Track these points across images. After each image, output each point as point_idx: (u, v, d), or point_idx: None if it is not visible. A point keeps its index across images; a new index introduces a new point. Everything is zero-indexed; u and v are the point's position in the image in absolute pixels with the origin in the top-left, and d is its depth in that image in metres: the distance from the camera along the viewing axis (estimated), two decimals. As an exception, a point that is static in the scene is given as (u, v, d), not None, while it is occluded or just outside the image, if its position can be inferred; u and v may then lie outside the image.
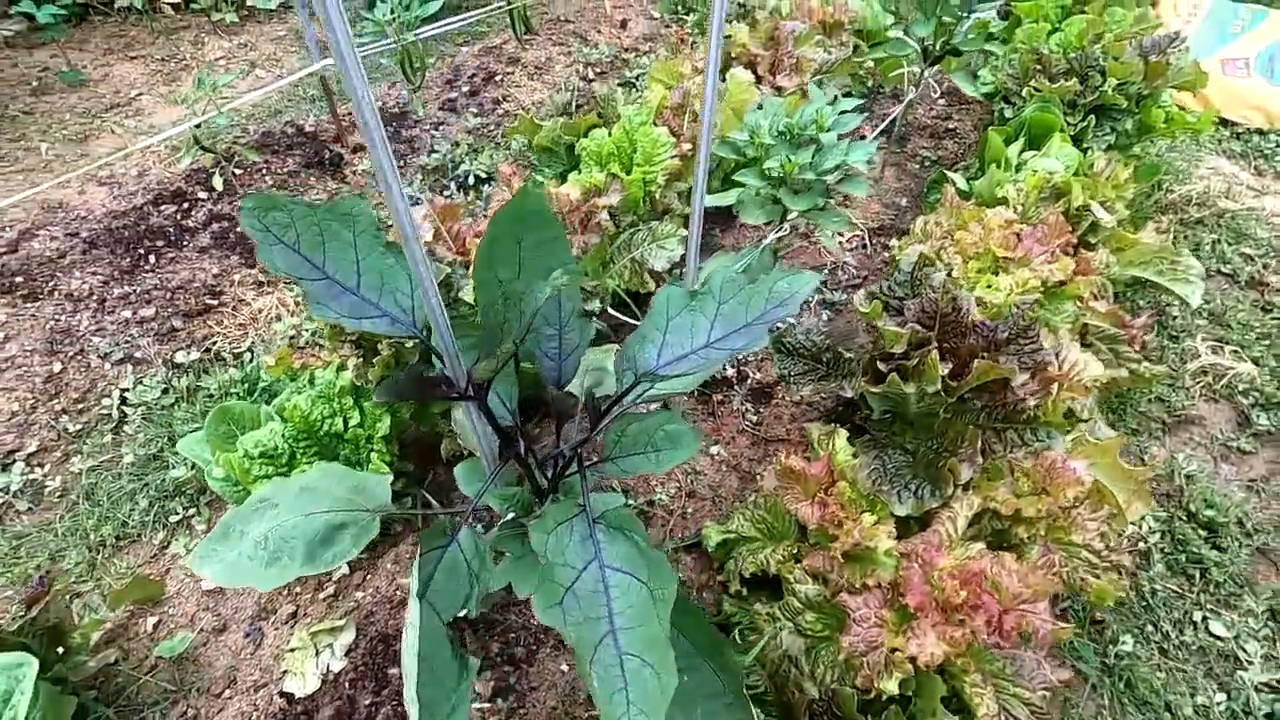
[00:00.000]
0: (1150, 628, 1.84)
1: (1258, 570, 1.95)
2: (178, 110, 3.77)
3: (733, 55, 2.76)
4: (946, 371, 1.51)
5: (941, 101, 3.52)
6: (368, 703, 1.50)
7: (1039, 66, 2.76)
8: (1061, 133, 2.52)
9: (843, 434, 1.64)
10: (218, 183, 2.82)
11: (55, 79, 4.05)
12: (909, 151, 3.21)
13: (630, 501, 1.86)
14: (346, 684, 1.53)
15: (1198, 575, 1.93)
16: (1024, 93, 2.69)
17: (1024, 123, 2.59)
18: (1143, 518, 2.06)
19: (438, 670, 0.93)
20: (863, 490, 1.50)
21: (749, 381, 2.19)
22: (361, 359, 1.66)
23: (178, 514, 2.05)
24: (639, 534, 1.01)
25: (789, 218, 1.91)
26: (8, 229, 2.76)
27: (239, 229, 2.82)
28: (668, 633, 0.88)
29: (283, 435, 1.71)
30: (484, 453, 1.26)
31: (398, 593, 1.67)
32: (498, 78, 3.82)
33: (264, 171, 3.08)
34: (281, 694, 1.52)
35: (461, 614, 1.37)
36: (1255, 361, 2.45)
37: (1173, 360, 2.47)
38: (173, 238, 2.79)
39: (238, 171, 3.08)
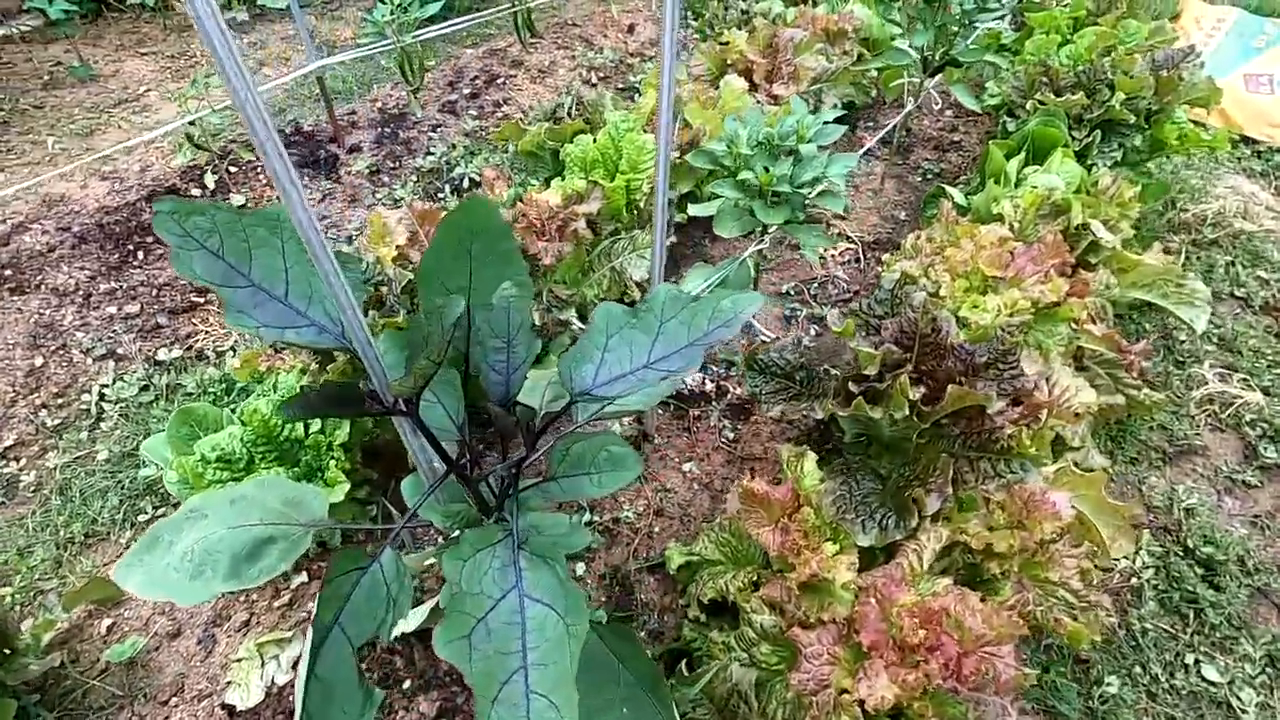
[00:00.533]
0: (1139, 669, 1.74)
1: (1257, 612, 1.85)
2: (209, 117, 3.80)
3: (728, 62, 2.71)
4: (920, 396, 1.44)
5: (948, 113, 3.44)
6: (310, 718, 1.46)
7: (1045, 79, 2.68)
8: (1065, 148, 2.43)
9: (811, 457, 1.58)
10: (210, 180, 2.82)
11: (66, 74, 4.10)
12: (911, 163, 3.13)
13: (595, 518, 1.81)
14: (290, 697, 1.49)
15: (1192, 615, 1.83)
16: (1028, 106, 2.61)
17: (1026, 137, 2.50)
18: (1136, 551, 1.97)
19: (339, 700, 0.89)
20: (827, 517, 1.43)
21: (728, 397, 2.13)
22: (318, 365, 1.63)
23: (146, 513, 2.03)
24: (561, 564, 0.95)
25: (769, 231, 1.85)
26: (4, 222, 2.79)
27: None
28: (574, 672, 0.83)
29: (241, 440, 1.68)
30: (423, 468, 1.22)
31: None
32: (500, 80, 3.80)
33: (259, 170, 3.08)
34: (223, 706, 1.48)
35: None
36: (1265, 391, 2.34)
37: (1177, 387, 2.37)
38: (163, 234, 2.79)
39: (233, 169, 3.09)
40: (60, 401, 2.32)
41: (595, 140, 2.25)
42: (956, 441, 1.53)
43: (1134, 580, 1.91)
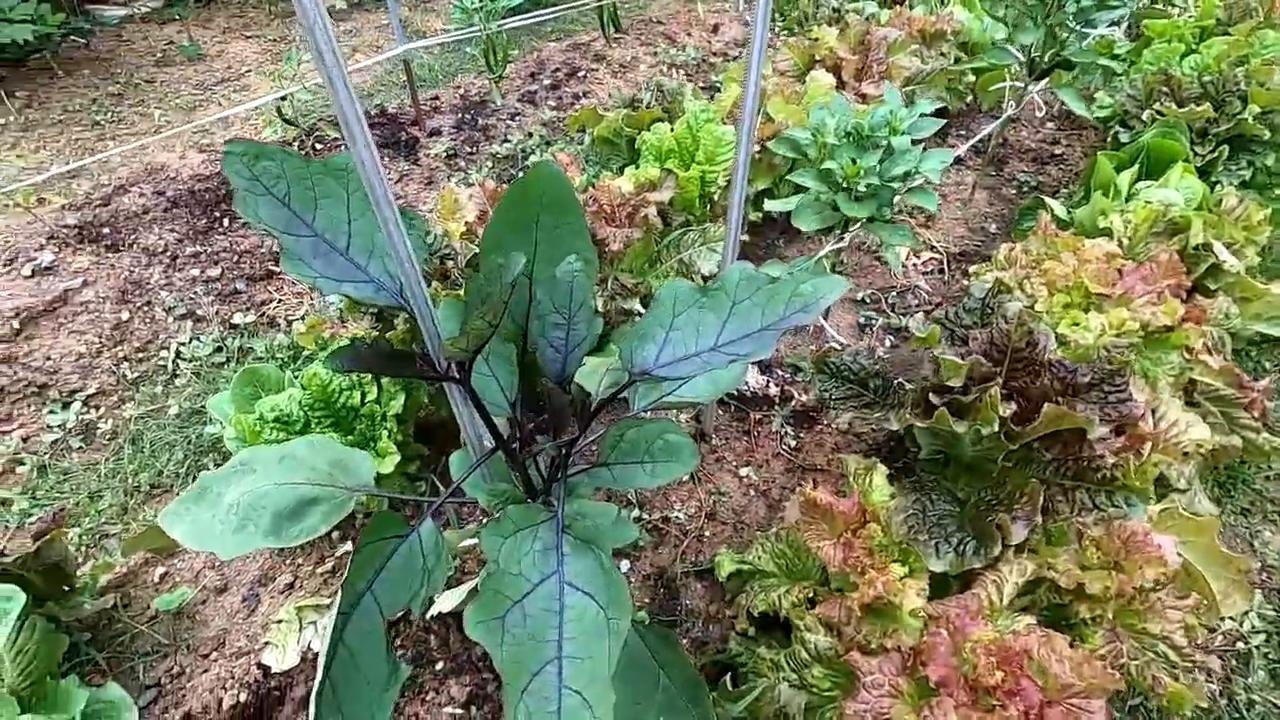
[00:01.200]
0: (1240, 746, 1.54)
1: (1388, 697, 1.61)
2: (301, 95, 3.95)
3: (816, 58, 2.60)
4: (1010, 413, 1.31)
5: (1050, 125, 3.22)
6: (341, 689, 1.43)
7: (1166, 89, 2.46)
8: (1186, 163, 2.22)
9: (882, 470, 1.46)
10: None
11: (177, 53, 4.34)
12: (1006, 175, 2.94)
13: (644, 515, 1.73)
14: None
15: (1308, 692, 1.61)
16: (1145, 116, 2.40)
17: (1141, 149, 2.30)
18: (1245, 614, 1.76)
19: (364, 670, 0.84)
20: (896, 536, 1.31)
21: (793, 403, 2.02)
22: (379, 333, 1.62)
23: (209, 469, 2.08)
24: (606, 553, 0.88)
25: (852, 229, 1.74)
26: (108, 184, 2.94)
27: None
28: (612, 670, 0.76)
29: (300, 403, 1.68)
30: (471, 441, 1.17)
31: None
32: (580, 73, 3.79)
33: (342, 147, 3.16)
34: (259, 665, 1.48)
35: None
36: None
37: (1301, 434, 2.11)
38: (248, 204, 2.88)
39: (319, 146, 3.18)
40: (141, 356, 2.41)
41: (673, 129, 2.19)
42: (1048, 467, 1.38)
43: (1240, 645, 1.70)
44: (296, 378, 1.78)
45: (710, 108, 2.21)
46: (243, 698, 1.42)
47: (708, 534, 1.71)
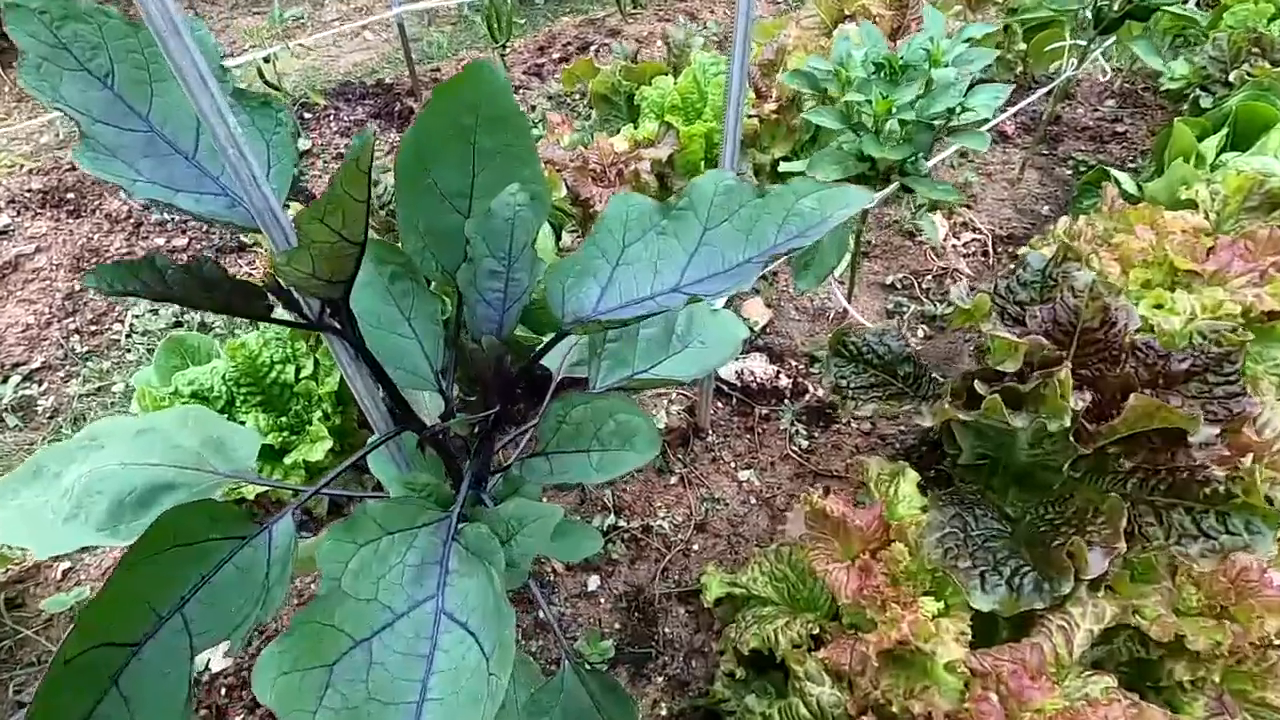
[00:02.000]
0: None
1: None
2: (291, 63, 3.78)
3: (846, 13, 2.32)
4: (1083, 406, 1.01)
5: (1110, 102, 2.88)
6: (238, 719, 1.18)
7: (1256, 48, 2.12)
8: (1283, 129, 1.88)
9: (912, 477, 1.16)
10: (277, 121, 2.69)
11: (181, 28, 4.20)
12: (1059, 154, 2.61)
13: (621, 524, 1.45)
14: (221, 690, 1.22)
15: None
16: (1232, 77, 2.06)
17: (1227, 115, 1.96)
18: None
19: (158, 707, 0.58)
20: (928, 561, 1.01)
21: (807, 398, 1.73)
22: None
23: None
24: (497, 568, 0.61)
25: (881, 189, 1.45)
26: (81, 150, 2.77)
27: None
28: None
29: (224, 376, 1.44)
30: (371, 418, 0.91)
31: (312, 585, 1.35)
32: (593, 48, 3.55)
33: (330, 116, 2.95)
34: (143, 687, 1.23)
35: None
36: None
37: None
38: (225, 173, 2.69)
39: (306, 115, 2.97)
40: (93, 329, 2.21)
41: (677, 84, 1.92)
42: (1129, 480, 1.07)
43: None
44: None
45: (721, 60, 1.93)
46: (116, 727, 1.17)
47: (696, 548, 1.42)
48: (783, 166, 1.67)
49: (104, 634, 0.58)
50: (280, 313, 0.71)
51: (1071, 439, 1.03)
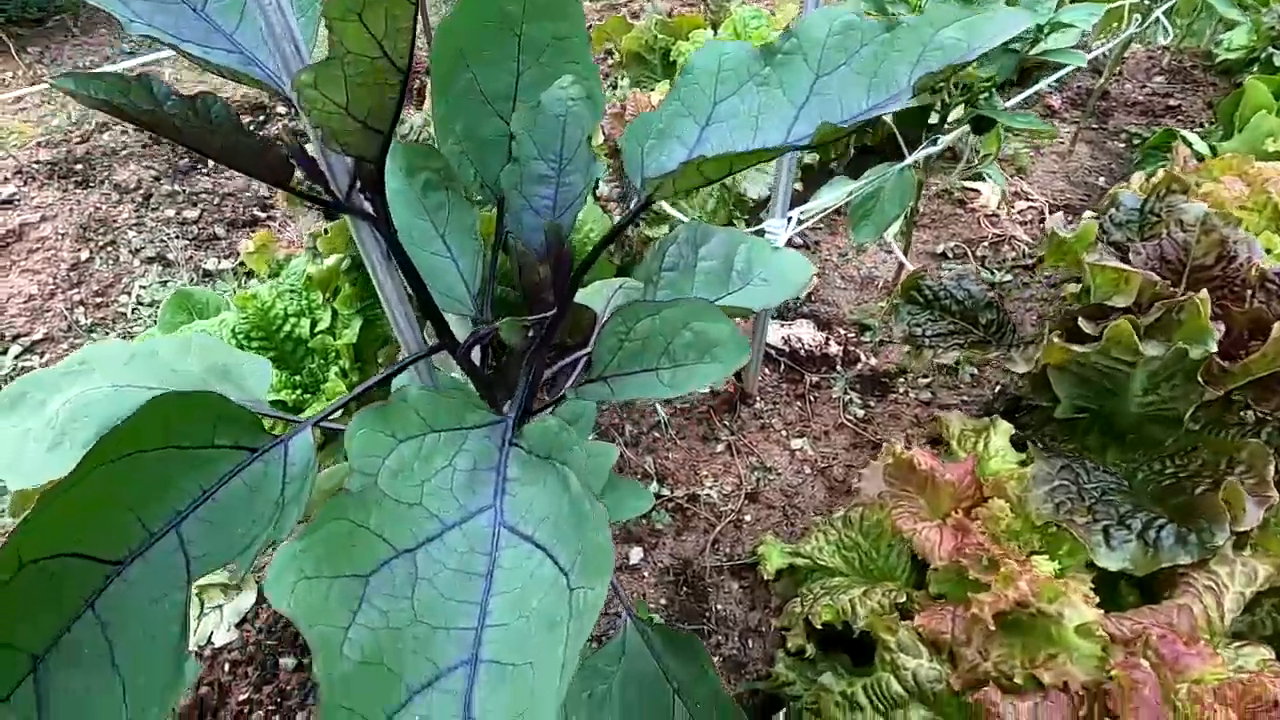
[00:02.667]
0: None
1: None
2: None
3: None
4: (1220, 336, 0.87)
5: (1159, 78, 2.75)
6: (241, 699, 1.05)
7: (1330, 6, 1.99)
8: (1369, 84, 1.75)
9: (1005, 428, 1.03)
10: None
11: (198, 15, 4.16)
12: (1110, 129, 2.49)
13: (665, 492, 1.32)
14: (225, 666, 1.09)
15: None
16: (1307, 34, 1.94)
17: (1305, 72, 1.84)
18: None
19: (126, 661, 0.45)
20: (1036, 517, 0.88)
21: (859, 366, 1.60)
22: (322, 216, 1.26)
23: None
24: (576, 467, 0.48)
25: (949, 128, 1.33)
26: (91, 123, 2.69)
27: (306, 141, 2.59)
28: (562, 690, 0.36)
29: (233, 330, 1.33)
30: (398, 329, 0.78)
31: (326, 556, 1.22)
32: (623, 8, 3.46)
33: None
34: (138, 661, 1.10)
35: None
36: None
37: None
38: (239, 146, 2.60)
39: (323, 93, 2.89)
40: (99, 300, 2.11)
41: (717, 37, 1.81)
42: (1260, 431, 0.94)
43: None
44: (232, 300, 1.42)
45: (762, 12, 1.82)
46: (106, 704, 1.04)
47: (748, 519, 1.29)
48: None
49: (74, 541, 0.45)
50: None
51: (1200, 379, 0.90)
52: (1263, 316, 0.93)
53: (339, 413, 0.70)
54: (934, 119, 1.39)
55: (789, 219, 1.19)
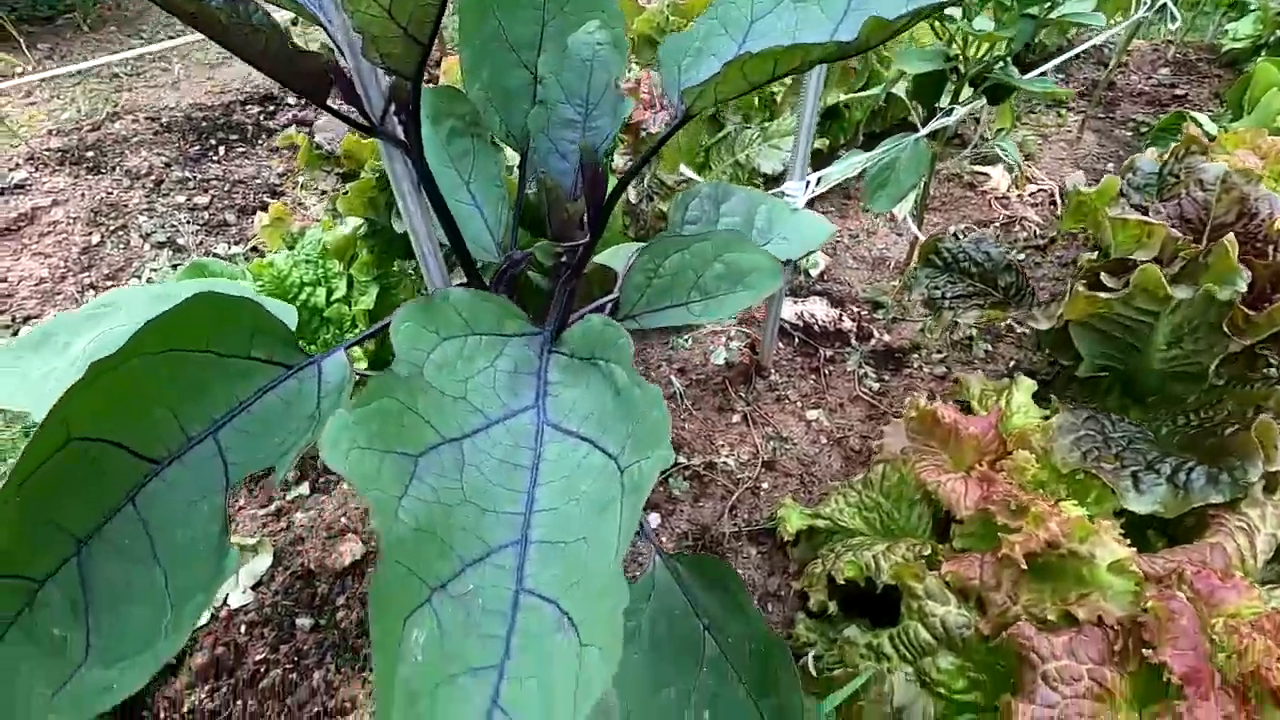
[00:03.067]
0: None
1: None
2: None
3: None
4: (1245, 283, 0.87)
5: (1164, 70, 2.77)
6: (257, 658, 1.04)
7: (1337, -9, 2.01)
8: (1378, 65, 1.76)
9: (1027, 384, 1.03)
10: (304, 83, 2.61)
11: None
12: (1117, 117, 2.50)
13: (680, 460, 1.32)
14: (241, 627, 1.08)
15: None
16: (1315, 17, 1.95)
17: (1314, 54, 1.85)
18: None
19: (166, 551, 0.45)
20: (1063, 465, 0.88)
21: (872, 342, 1.59)
22: (340, 182, 1.26)
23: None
24: (623, 362, 0.48)
25: (964, 100, 1.33)
26: (102, 113, 2.70)
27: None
28: (618, 564, 0.36)
29: (249, 297, 1.32)
30: (423, 258, 0.78)
31: (344, 519, 1.22)
32: None
33: (357, 84, 2.88)
34: (153, 622, 1.09)
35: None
36: None
37: None
38: (249, 135, 2.61)
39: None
40: (110, 284, 2.11)
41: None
42: (1286, 382, 0.93)
43: None
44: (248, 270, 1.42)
45: (774, -5, 1.82)
46: (122, 663, 1.03)
47: (765, 486, 1.28)
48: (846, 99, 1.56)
49: (115, 429, 0.45)
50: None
51: (1225, 329, 0.90)
52: (1285, 270, 0.93)
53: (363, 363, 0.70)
54: (945, 102, 1.40)
55: (806, 183, 1.19)
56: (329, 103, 0.61)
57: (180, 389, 0.50)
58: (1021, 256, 1.81)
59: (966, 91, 1.33)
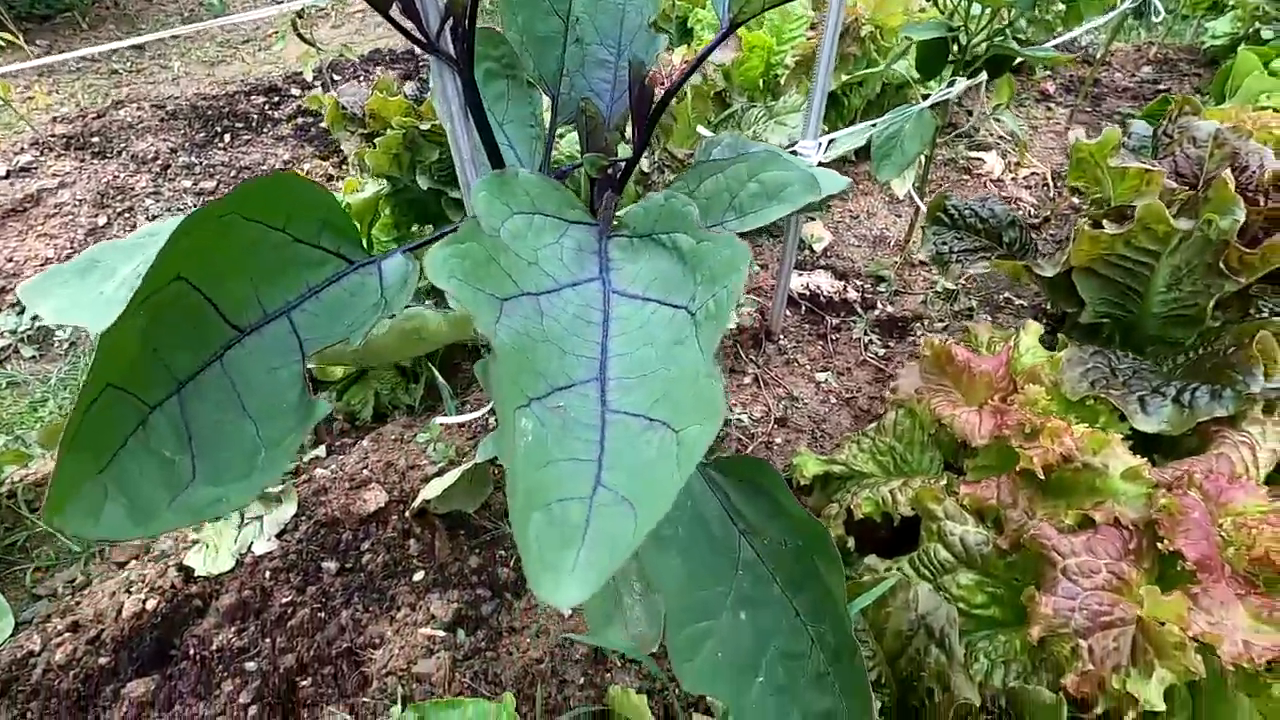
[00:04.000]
0: None
1: None
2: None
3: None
4: (1240, 217, 0.92)
5: (1146, 68, 2.87)
6: (284, 600, 1.05)
7: (1310, -13, 2.10)
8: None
9: (1035, 328, 1.07)
10: (309, 73, 2.65)
11: (206, 13, 4.23)
12: (1103, 111, 2.58)
13: (696, 416, 1.35)
14: (266, 572, 1.09)
15: None
16: (1291, 10, 2.04)
17: (1291, 44, 1.93)
18: None
19: (252, 401, 0.48)
20: (1072, 394, 0.92)
21: (876, 311, 1.64)
22: (367, 141, 1.29)
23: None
24: (687, 232, 0.51)
25: (969, 74, 1.39)
26: (106, 100, 2.72)
27: (321, 123, 2.64)
28: (705, 378, 0.39)
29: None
30: (467, 181, 0.81)
31: (365, 471, 1.23)
32: None
33: (360, 77, 2.91)
34: (180, 567, 1.10)
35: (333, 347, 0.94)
36: None
37: None
38: (254, 123, 2.63)
39: (335, 78, 2.94)
40: (115, 265, 2.11)
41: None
42: None
43: None
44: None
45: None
46: (149, 604, 1.04)
47: (779, 441, 1.31)
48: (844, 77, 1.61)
49: (209, 285, 0.48)
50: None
51: (1222, 267, 0.95)
52: (1278, 213, 0.98)
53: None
54: (948, 74, 1.45)
55: (819, 144, 1.24)
56: (390, 13, 0.64)
57: (260, 266, 0.53)
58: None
59: (969, 82, 1.39)
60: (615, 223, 0.59)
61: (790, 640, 0.70)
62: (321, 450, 1.42)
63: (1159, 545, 0.69)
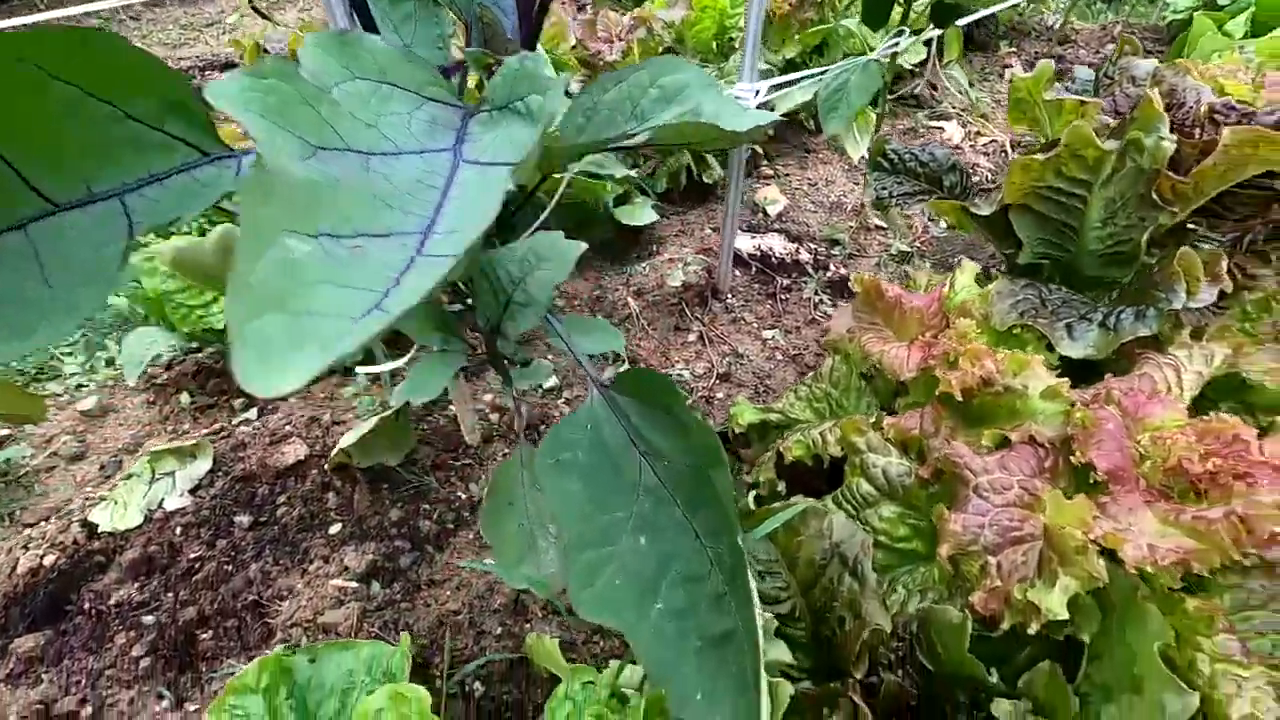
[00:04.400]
0: None
1: None
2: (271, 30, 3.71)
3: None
4: (1172, 142, 0.90)
5: (1110, 46, 2.87)
6: (193, 555, 1.01)
7: (1266, -44, 2.10)
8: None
9: (970, 267, 1.04)
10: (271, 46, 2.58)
11: (168, -7, 4.15)
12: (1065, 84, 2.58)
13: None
14: (176, 528, 1.04)
15: None
16: (1246, -22, 2.04)
17: (1243, 8, 1.93)
18: None
19: (82, 271, 0.44)
20: (1001, 324, 0.89)
21: (829, 273, 1.61)
22: None
23: (103, 348, 1.69)
24: (542, 95, 0.48)
25: (917, 30, 1.36)
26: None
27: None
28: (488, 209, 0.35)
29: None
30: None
31: (288, 426, 1.19)
32: None
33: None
34: (83, 523, 1.05)
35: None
36: None
37: None
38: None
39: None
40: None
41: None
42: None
43: None
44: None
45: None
46: (47, 560, 0.99)
47: (720, 396, 1.28)
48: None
49: (16, 153, 0.43)
50: None
51: (1155, 197, 0.92)
52: (1213, 141, 0.96)
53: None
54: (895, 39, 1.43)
55: (755, 88, 1.21)
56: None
57: (83, 140, 0.49)
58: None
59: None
60: (480, 100, 0.55)
61: (691, 563, 0.67)
62: (254, 413, 1.37)
63: (1072, 459, 0.66)
